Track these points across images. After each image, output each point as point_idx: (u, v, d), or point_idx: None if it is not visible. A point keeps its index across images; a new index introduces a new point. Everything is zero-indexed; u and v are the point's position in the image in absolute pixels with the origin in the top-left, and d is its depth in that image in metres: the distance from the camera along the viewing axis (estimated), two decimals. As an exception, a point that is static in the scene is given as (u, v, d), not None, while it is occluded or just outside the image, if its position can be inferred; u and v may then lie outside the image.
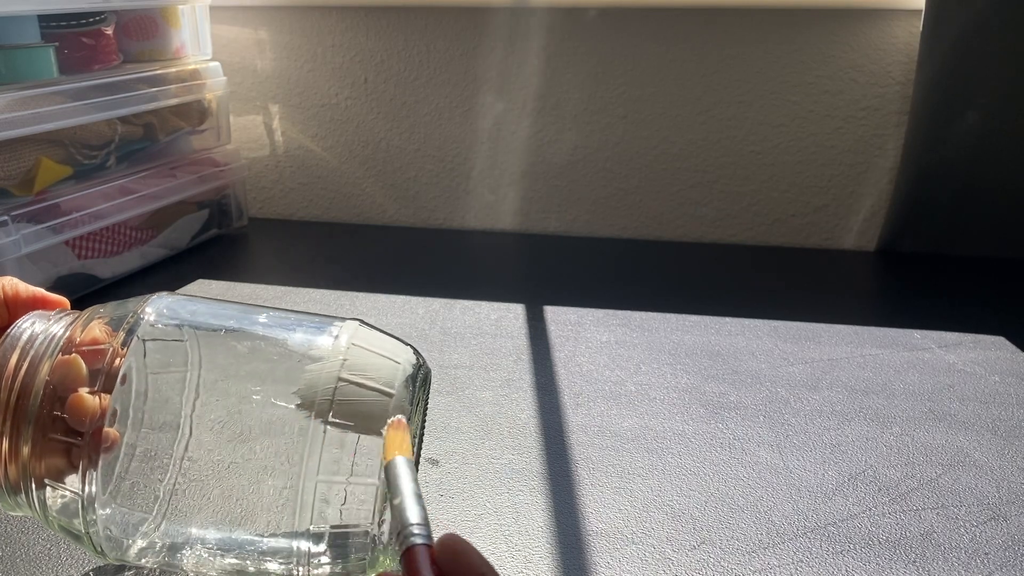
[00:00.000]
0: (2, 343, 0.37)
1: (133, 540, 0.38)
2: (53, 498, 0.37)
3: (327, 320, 0.40)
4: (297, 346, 0.38)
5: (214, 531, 0.37)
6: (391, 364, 0.38)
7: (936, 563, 0.46)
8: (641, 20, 1.00)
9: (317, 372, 0.37)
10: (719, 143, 1.03)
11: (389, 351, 0.39)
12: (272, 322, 0.40)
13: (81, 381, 0.36)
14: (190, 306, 0.40)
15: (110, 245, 0.86)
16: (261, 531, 0.37)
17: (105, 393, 0.36)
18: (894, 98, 0.99)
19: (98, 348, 0.37)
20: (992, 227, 0.96)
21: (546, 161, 1.07)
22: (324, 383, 0.36)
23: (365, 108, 1.09)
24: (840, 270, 0.96)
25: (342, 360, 0.37)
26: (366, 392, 0.37)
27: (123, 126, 0.87)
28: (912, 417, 0.61)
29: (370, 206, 1.13)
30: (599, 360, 0.70)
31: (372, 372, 0.37)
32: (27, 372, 0.37)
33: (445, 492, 0.52)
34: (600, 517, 0.49)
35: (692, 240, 1.07)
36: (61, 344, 0.37)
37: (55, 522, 0.38)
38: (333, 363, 0.37)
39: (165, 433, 0.36)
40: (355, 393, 0.37)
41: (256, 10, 1.07)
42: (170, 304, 0.40)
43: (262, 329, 0.39)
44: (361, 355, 0.38)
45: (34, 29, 0.78)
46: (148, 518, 0.37)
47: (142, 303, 0.39)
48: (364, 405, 0.36)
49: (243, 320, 0.40)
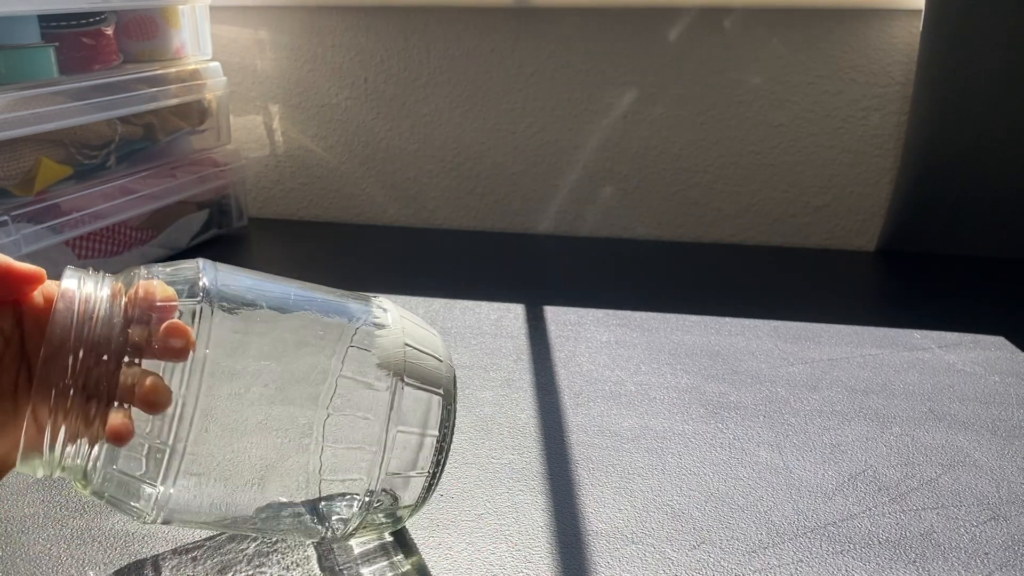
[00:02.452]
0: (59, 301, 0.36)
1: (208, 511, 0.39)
2: (102, 456, 0.37)
3: (364, 296, 0.45)
4: (361, 317, 0.43)
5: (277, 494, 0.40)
6: (431, 335, 0.45)
7: (936, 563, 0.46)
8: (641, 20, 1.00)
9: (386, 338, 0.42)
10: (719, 143, 1.03)
11: (425, 325, 0.45)
12: (325, 300, 0.43)
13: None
14: (242, 277, 0.42)
15: (110, 245, 0.86)
16: (335, 487, 0.41)
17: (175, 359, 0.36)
18: (894, 98, 0.99)
19: (171, 305, 0.37)
20: (992, 227, 0.96)
21: (545, 161, 1.07)
22: (394, 347, 0.42)
23: (365, 108, 1.09)
24: (840, 270, 0.96)
25: (401, 328, 0.43)
26: (426, 357, 0.43)
27: (123, 126, 0.87)
28: (912, 417, 0.61)
29: (370, 206, 1.13)
30: (599, 360, 0.70)
31: (423, 340, 0.44)
32: (101, 329, 0.36)
33: (445, 492, 0.52)
34: (600, 517, 0.49)
35: (692, 240, 1.07)
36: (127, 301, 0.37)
37: (110, 483, 0.37)
38: (396, 332, 0.43)
39: (235, 401, 0.38)
40: (417, 357, 0.42)
41: (256, 10, 1.07)
42: (225, 275, 0.41)
43: (322, 304, 0.43)
44: (410, 326, 0.44)
45: (34, 29, 0.78)
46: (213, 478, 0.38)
47: (197, 271, 0.40)
48: (425, 368, 0.43)
49: (301, 296, 0.43)
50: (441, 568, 0.45)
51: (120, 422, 0.35)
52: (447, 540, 0.47)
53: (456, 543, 0.47)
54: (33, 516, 0.49)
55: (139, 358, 0.36)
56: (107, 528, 0.48)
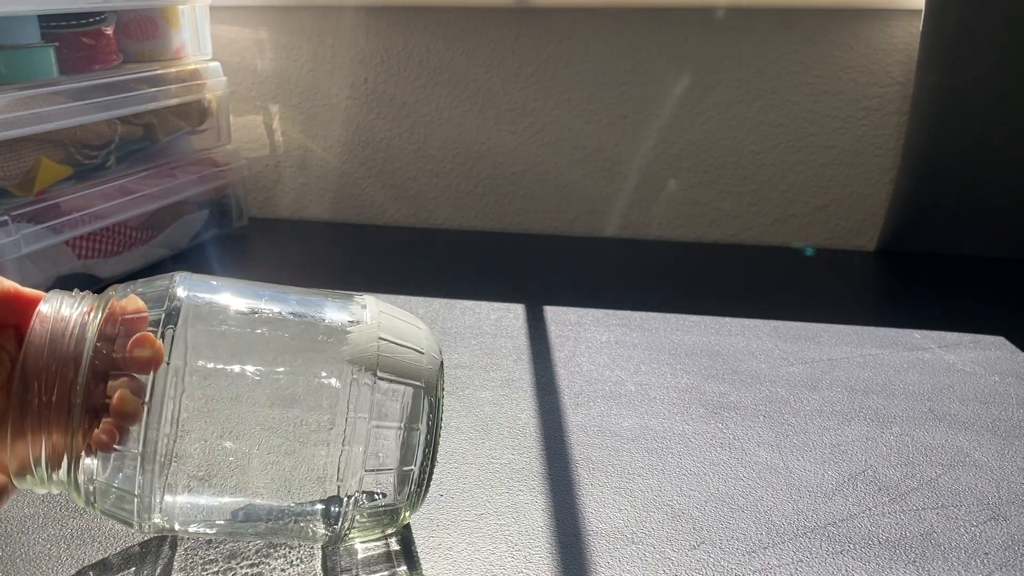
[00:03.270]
0: (35, 320, 0.37)
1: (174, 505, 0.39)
2: (93, 469, 0.37)
3: (346, 295, 0.45)
4: (335, 315, 0.42)
5: (257, 497, 0.40)
6: (414, 328, 0.43)
7: (936, 563, 0.46)
8: (641, 20, 1.00)
9: (359, 332, 0.41)
10: (719, 143, 1.03)
11: (410, 319, 0.44)
12: (301, 299, 0.43)
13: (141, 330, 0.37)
14: (216, 284, 0.42)
15: (110, 245, 0.86)
16: (313, 488, 0.40)
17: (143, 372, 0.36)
18: (894, 98, 0.99)
19: (140, 317, 0.38)
20: (992, 227, 0.96)
21: (546, 161, 1.07)
22: (367, 341, 0.40)
23: (365, 108, 1.09)
24: (840, 270, 0.96)
25: (378, 323, 0.42)
26: (403, 350, 0.41)
27: (123, 126, 0.87)
28: (912, 417, 0.61)
29: (370, 206, 1.13)
30: (599, 360, 0.70)
31: (403, 333, 0.42)
32: (75, 347, 0.36)
33: (445, 492, 0.52)
34: (600, 517, 0.49)
35: (692, 240, 1.07)
36: (102, 315, 0.38)
37: (98, 495, 0.38)
38: (371, 325, 0.41)
39: (213, 404, 0.38)
40: (393, 351, 0.41)
41: (256, 10, 1.07)
42: (199, 284, 0.41)
43: (296, 304, 0.42)
44: (388, 320, 0.43)
45: (34, 29, 0.78)
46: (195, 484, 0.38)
47: (170, 282, 0.40)
48: (401, 360, 0.41)
49: (275, 297, 0.42)
50: (441, 568, 0.45)
51: (97, 435, 0.36)
52: (447, 540, 0.47)
53: (456, 543, 0.47)
54: (33, 516, 0.49)
55: (115, 372, 0.36)
56: (107, 528, 0.48)
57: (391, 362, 0.41)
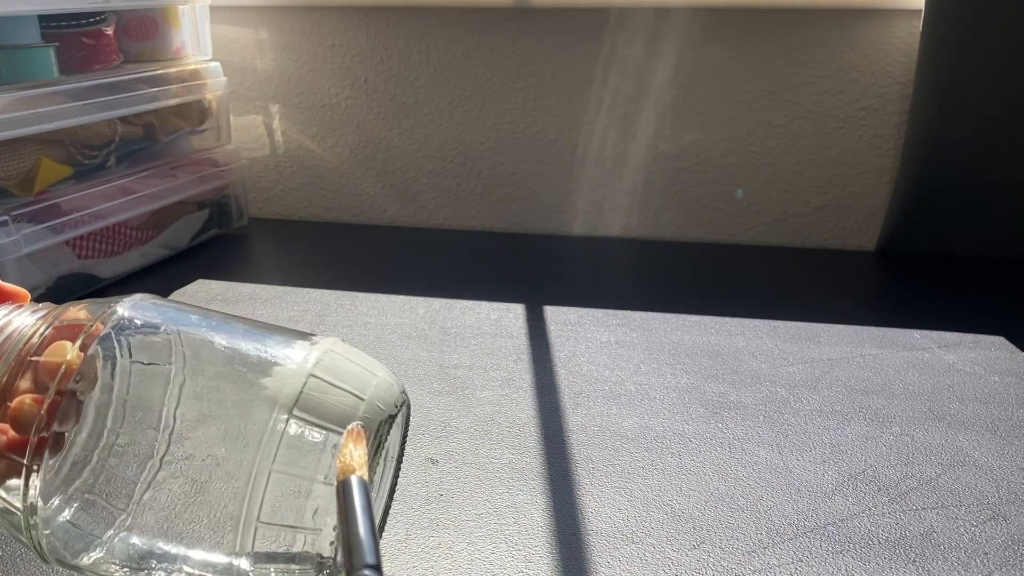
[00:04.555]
0: None
1: (90, 547, 0.35)
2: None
3: (309, 334, 0.39)
4: (274, 347, 0.37)
5: (171, 543, 0.35)
6: (366, 373, 0.37)
7: (936, 563, 0.46)
8: (640, 20, 1.00)
9: (289, 368, 0.35)
10: (719, 143, 1.03)
11: (367, 364, 0.37)
12: (250, 328, 0.39)
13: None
14: (166, 307, 0.39)
15: (110, 245, 0.86)
16: (216, 540, 0.34)
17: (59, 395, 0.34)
18: (894, 98, 0.99)
19: (74, 324, 0.36)
20: (992, 227, 0.96)
21: (545, 161, 1.07)
22: (294, 376, 0.35)
23: (365, 108, 1.09)
24: (840, 270, 0.96)
25: (316, 360, 0.36)
26: (335, 391, 0.35)
27: (123, 126, 0.87)
28: (912, 417, 0.61)
29: (370, 206, 1.13)
30: (599, 360, 0.70)
31: (344, 375, 0.36)
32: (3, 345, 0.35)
33: (445, 492, 0.52)
34: (600, 517, 0.49)
35: (692, 240, 1.07)
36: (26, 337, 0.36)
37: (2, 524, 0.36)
38: (306, 362, 0.35)
39: (141, 432, 0.34)
40: (322, 389, 0.34)
41: (256, 10, 1.07)
42: (146, 303, 0.39)
43: (241, 333, 0.38)
44: (336, 359, 0.36)
45: (34, 29, 0.78)
46: (109, 525, 0.34)
47: (116, 301, 0.38)
48: (331, 404, 0.34)
49: (221, 325, 0.39)
50: (441, 568, 0.45)
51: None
52: (447, 540, 0.47)
53: (456, 543, 0.47)
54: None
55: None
56: (107, 528, 0.48)
57: (314, 402, 0.34)
